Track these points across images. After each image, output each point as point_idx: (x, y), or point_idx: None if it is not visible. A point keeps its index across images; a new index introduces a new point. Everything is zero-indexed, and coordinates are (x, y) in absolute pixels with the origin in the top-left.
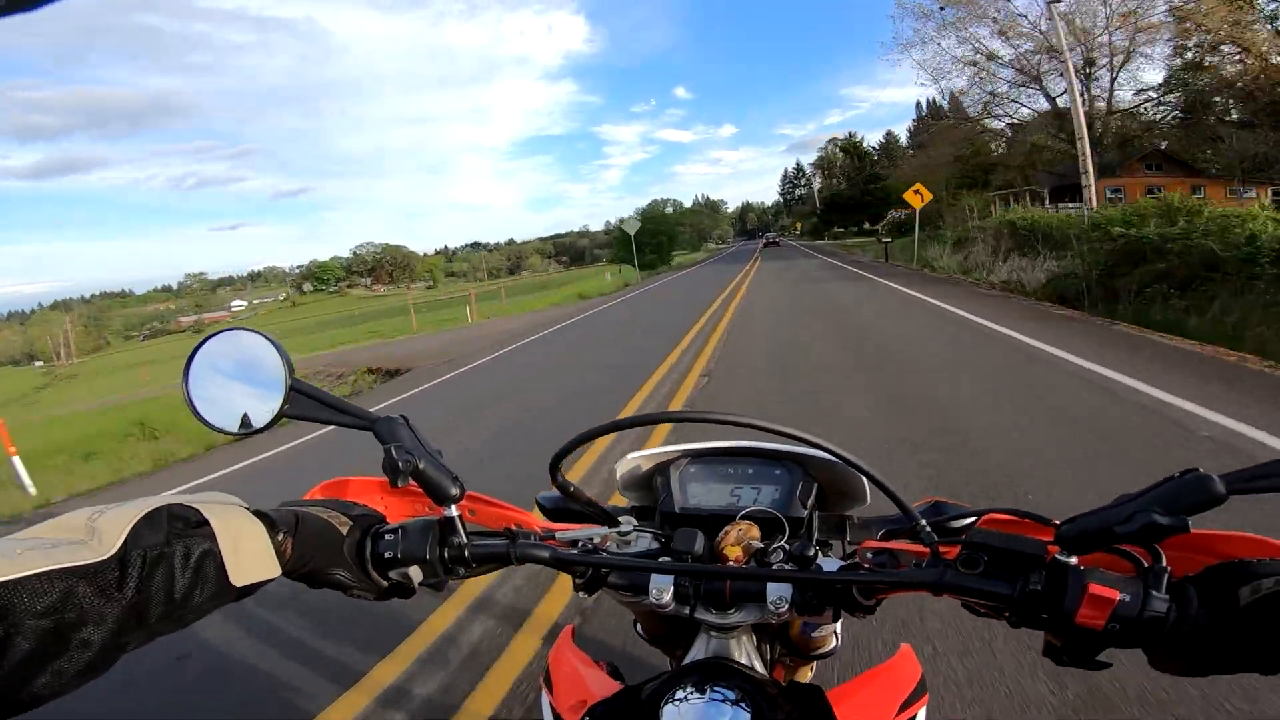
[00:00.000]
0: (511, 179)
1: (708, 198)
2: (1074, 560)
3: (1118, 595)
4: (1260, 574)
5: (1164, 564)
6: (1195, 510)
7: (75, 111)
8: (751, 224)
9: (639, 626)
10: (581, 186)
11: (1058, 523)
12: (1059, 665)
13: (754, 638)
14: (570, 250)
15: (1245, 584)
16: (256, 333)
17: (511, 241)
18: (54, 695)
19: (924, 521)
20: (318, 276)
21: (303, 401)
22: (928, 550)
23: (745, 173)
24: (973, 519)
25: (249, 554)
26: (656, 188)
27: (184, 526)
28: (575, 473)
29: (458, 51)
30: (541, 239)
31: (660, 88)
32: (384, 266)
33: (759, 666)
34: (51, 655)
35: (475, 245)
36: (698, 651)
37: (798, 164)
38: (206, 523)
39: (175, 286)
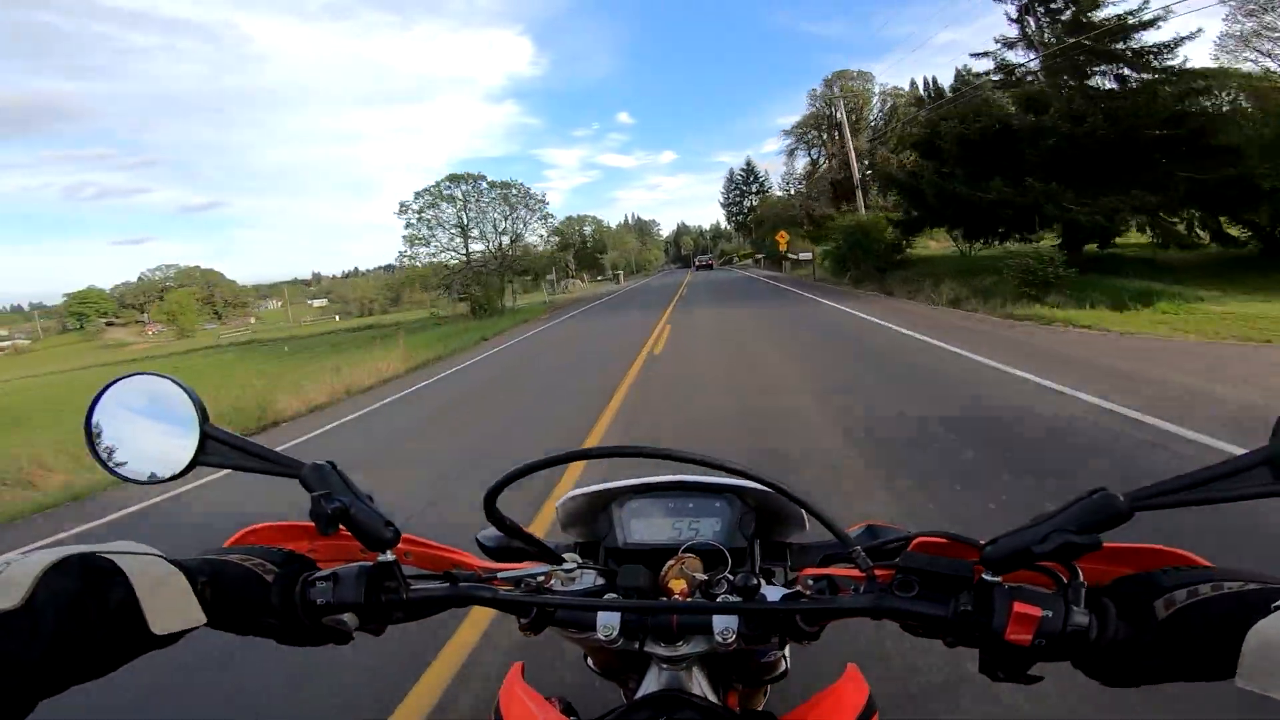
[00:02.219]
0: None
1: (638, 218)
2: (999, 580)
3: (1041, 612)
4: (1168, 586)
5: (1081, 579)
6: (1104, 528)
7: None
8: (687, 248)
9: (589, 660)
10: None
11: (983, 543)
12: (995, 681)
13: (705, 667)
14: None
15: (1158, 597)
16: (165, 377)
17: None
18: None
19: (859, 547)
20: (74, 312)
21: (219, 449)
22: (864, 575)
23: (683, 199)
24: (903, 542)
25: (168, 602)
26: (598, 212)
27: (97, 575)
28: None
29: (392, 68)
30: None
31: (603, 112)
32: (174, 299)
33: (711, 696)
34: None
35: (388, 268)
36: (650, 684)
37: (748, 164)
38: (121, 571)
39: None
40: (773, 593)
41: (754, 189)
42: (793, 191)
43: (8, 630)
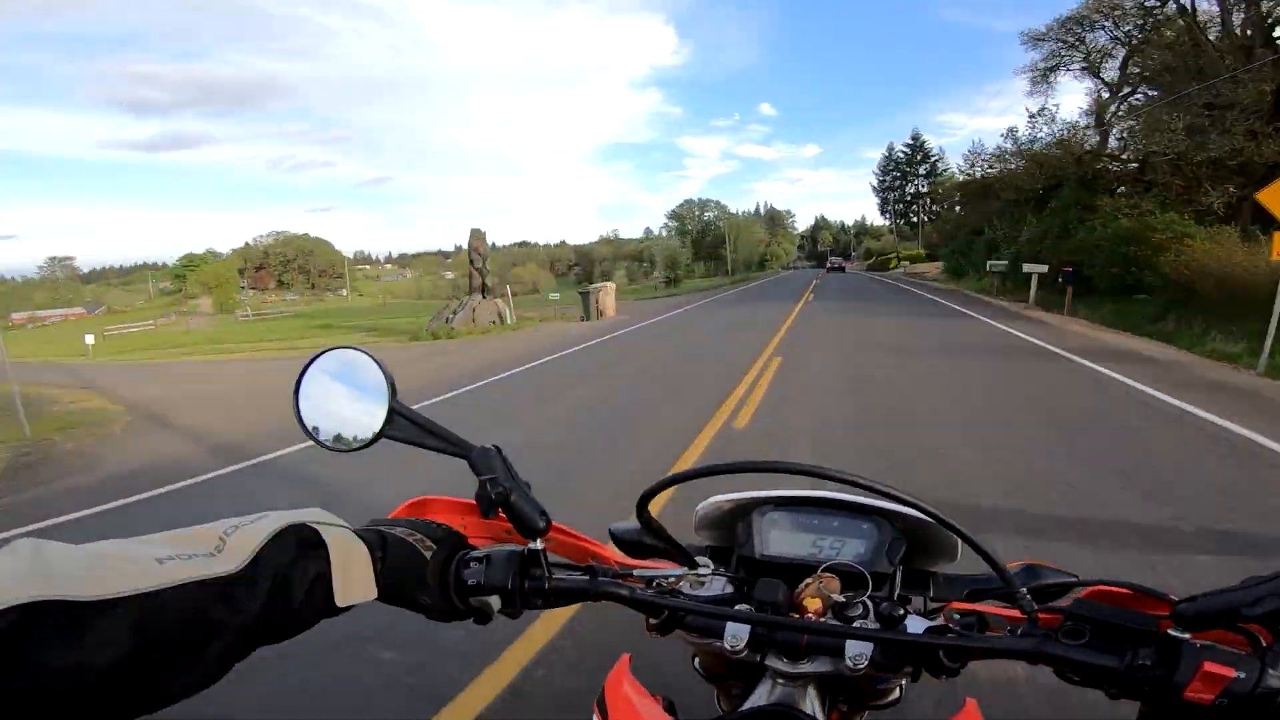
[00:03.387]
0: (589, 183)
1: (770, 206)
2: (1187, 636)
3: (1235, 673)
4: None
5: None
6: None
7: (184, 88)
8: (825, 244)
9: (697, 661)
10: (657, 197)
11: (1174, 599)
12: None
13: (819, 687)
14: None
15: None
16: (363, 352)
17: (563, 243)
18: (177, 700)
19: (1024, 590)
20: (177, 274)
21: (402, 424)
22: (1024, 616)
23: (826, 194)
24: (1077, 587)
25: (354, 576)
26: (734, 203)
27: (307, 546)
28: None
29: (542, 55)
30: (594, 243)
31: (745, 103)
32: (272, 266)
33: (821, 716)
34: (182, 662)
35: (524, 244)
36: (760, 696)
37: (914, 137)
38: (324, 544)
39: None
40: (915, 623)
41: (922, 169)
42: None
43: (231, 593)
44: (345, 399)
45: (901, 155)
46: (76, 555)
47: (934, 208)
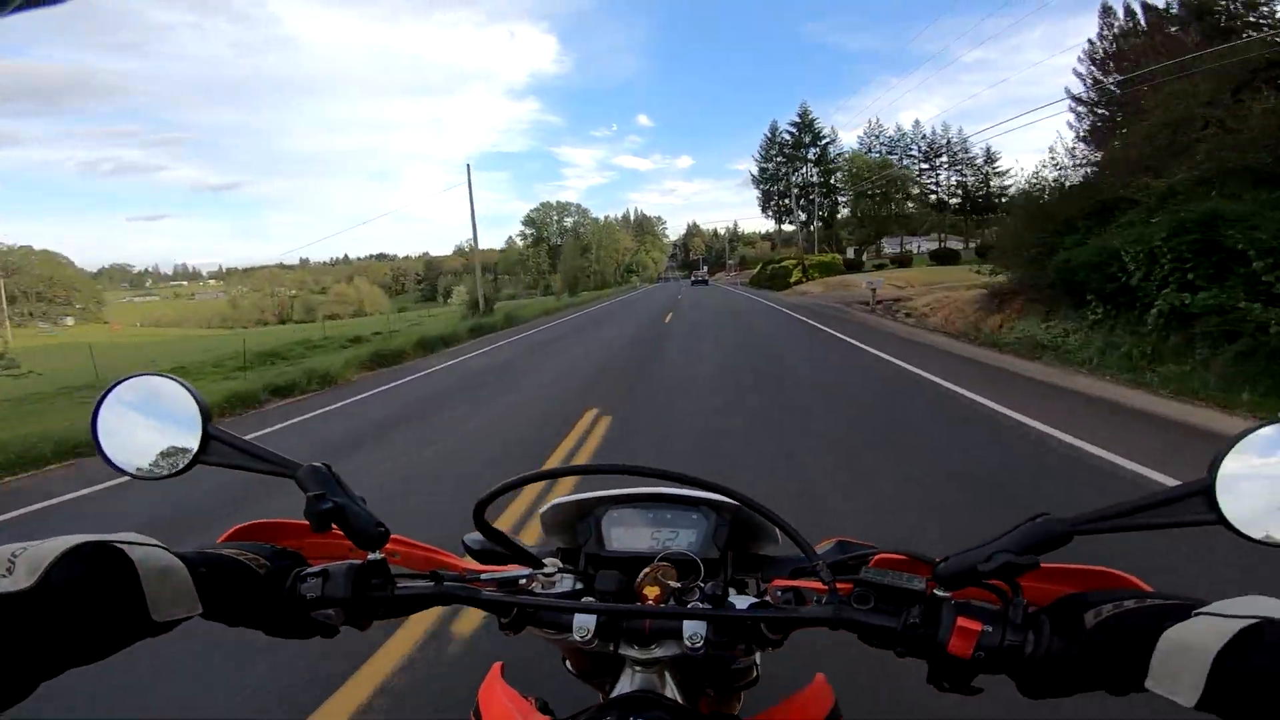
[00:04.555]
0: (463, 193)
1: (640, 213)
2: (949, 595)
3: (981, 626)
4: (1097, 602)
5: (1021, 597)
6: (1045, 549)
7: None
8: (698, 253)
9: (568, 663)
10: (533, 206)
11: (937, 561)
12: (940, 691)
13: (676, 671)
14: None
15: (1088, 610)
16: (170, 378)
17: (425, 255)
18: None
19: (823, 561)
20: None
21: (220, 448)
22: (826, 588)
23: (698, 204)
24: (867, 558)
25: (170, 592)
26: (611, 212)
27: (106, 563)
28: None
29: (419, 59)
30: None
31: (623, 114)
32: None
33: (680, 699)
34: None
35: (381, 256)
36: (623, 685)
37: (802, 115)
38: (129, 560)
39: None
40: (741, 602)
41: (811, 153)
42: None
43: (20, 611)
44: (154, 426)
45: (787, 137)
46: None
47: (834, 199)
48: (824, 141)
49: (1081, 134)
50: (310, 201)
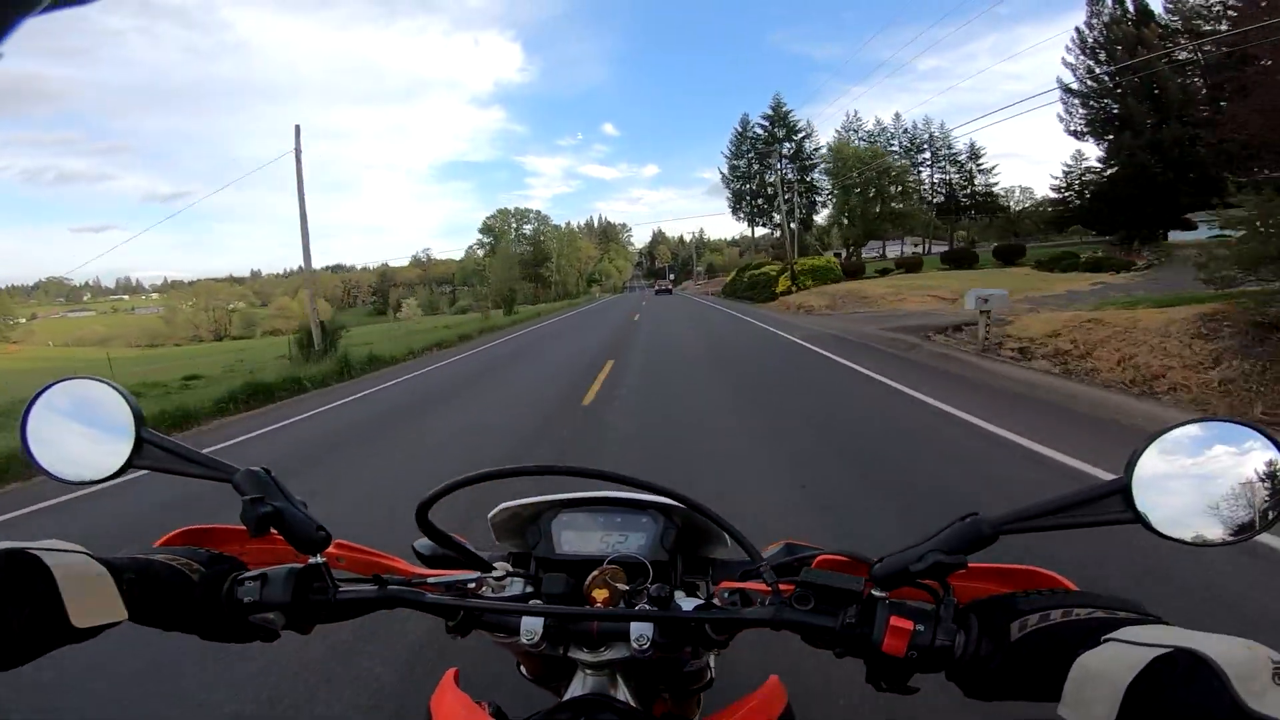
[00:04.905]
0: (426, 204)
1: (605, 220)
2: (884, 595)
3: (913, 626)
4: (1025, 610)
5: (951, 596)
6: (972, 549)
7: None
8: (663, 260)
9: (522, 668)
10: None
11: (874, 561)
12: (878, 690)
13: (630, 674)
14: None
15: (1016, 619)
16: (103, 381)
17: (384, 266)
18: None
19: (766, 563)
20: None
21: (153, 452)
22: (770, 589)
23: (664, 212)
24: (810, 559)
25: (90, 597)
26: (575, 220)
27: (19, 569)
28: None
29: (380, 67)
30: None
31: (589, 123)
32: None
33: (633, 702)
34: None
35: (339, 268)
36: (575, 689)
37: (775, 107)
38: (44, 566)
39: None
40: (687, 604)
41: (785, 147)
42: None
43: None
44: (85, 431)
45: (758, 131)
46: None
47: (811, 199)
48: (800, 136)
49: (1074, 128)
50: (263, 212)
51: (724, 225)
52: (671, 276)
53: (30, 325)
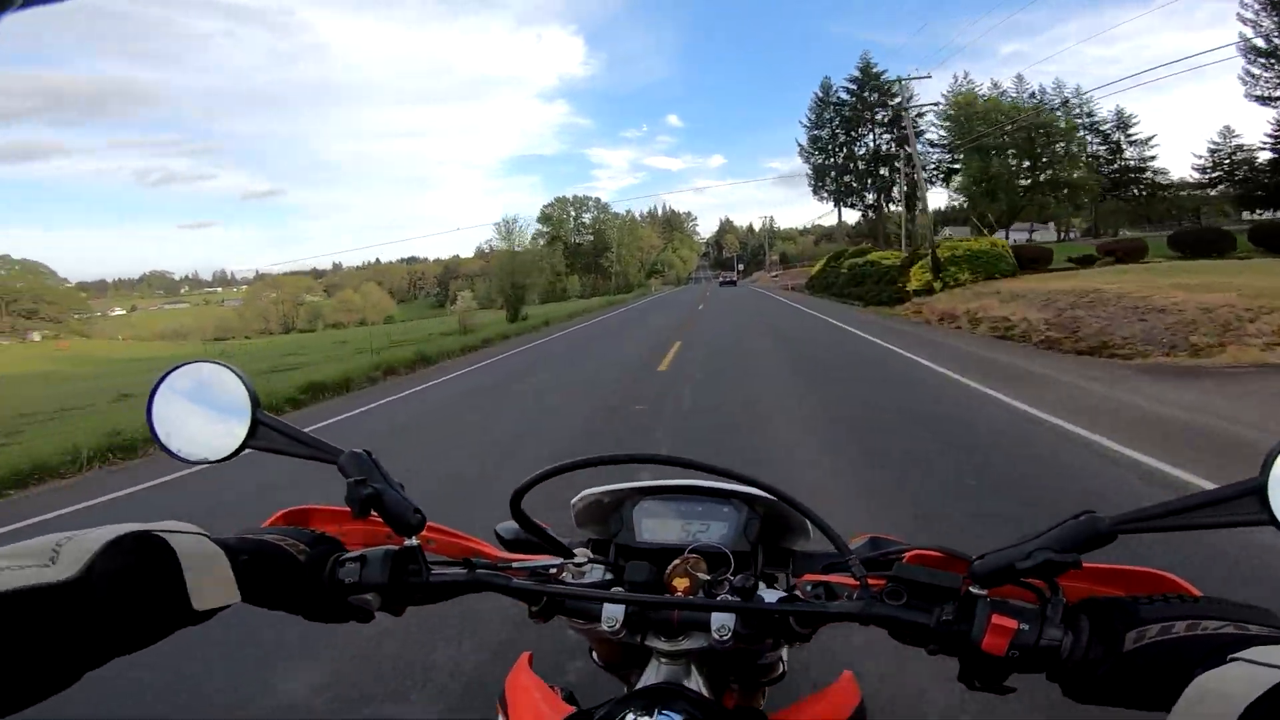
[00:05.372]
0: (496, 197)
1: (669, 208)
2: (984, 593)
3: (1017, 625)
4: (1145, 619)
5: (1060, 596)
6: (1087, 548)
7: (29, 95)
8: (731, 250)
9: (594, 654)
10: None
11: (973, 558)
12: (971, 689)
13: (704, 665)
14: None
15: (1134, 627)
16: (222, 365)
17: (456, 258)
18: (14, 710)
19: (855, 556)
20: None
21: (267, 434)
22: (858, 583)
23: (731, 203)
24: (900, 554)
25: (210, 580)
26: (636, 208)
27: (150, 552)
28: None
29: (450, 65)
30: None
31: (653, 114)
32: None
33: (706, 693)
34: (12, 672)
35: (412, 259)
36: (649, 677)
37: (864, 68)
38: (171, 549)
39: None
40: (771, 595)
41: (881, 114)
42: None
43: (65, 600)
44: (205, 412)
45: (843, 96)
46: None
47: (913, 173)
48: (896, 100)
49: (1260, 92)
50: (349, 207)
51: (795, 215)
52: (741, 266)
53: (102, 319)
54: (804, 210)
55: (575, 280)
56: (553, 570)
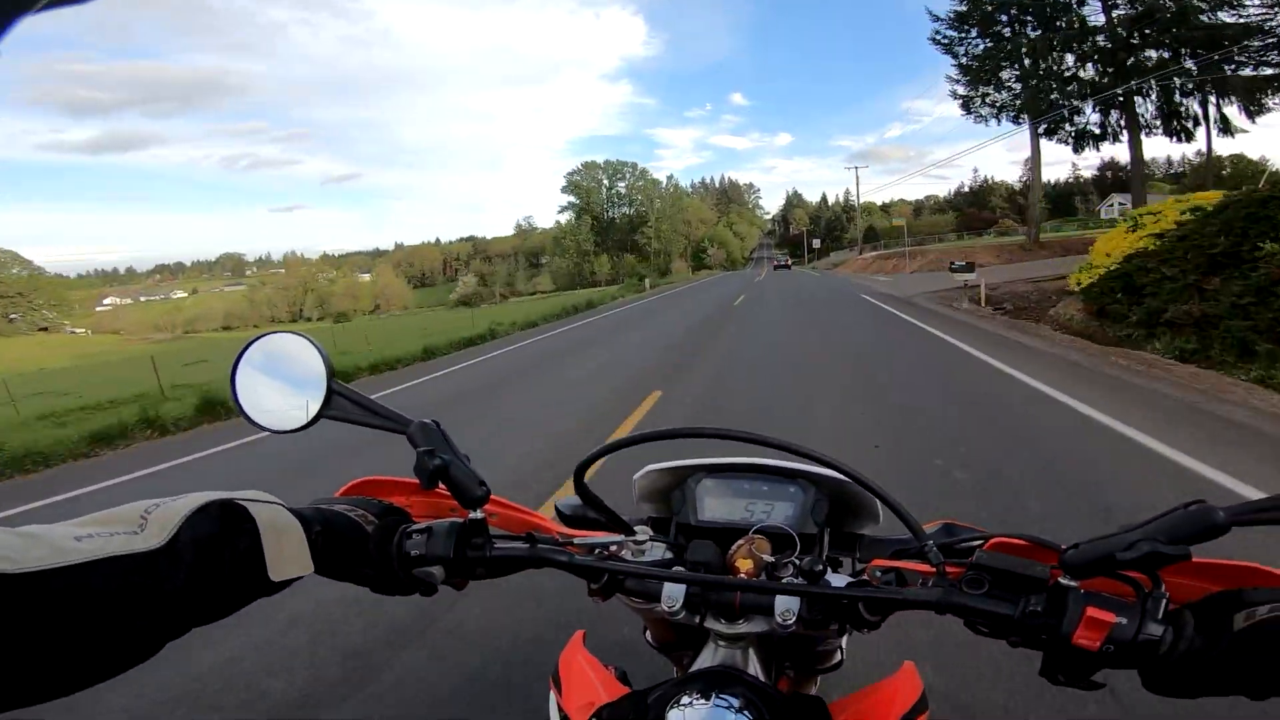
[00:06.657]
0: (562, 179)
1: (728, 180)
2: (1075, 584)
3: (1115, 618)
4: (1255, 601)
5: (1163, 590)
6: (1196, 540)
7: (125, 87)
8: (800, 226)
9: (648, 634)
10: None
11: (1063, 548)
12: (1054, 684)
13: (760, 649)
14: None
15: (1240, 610)
16: (301, 336)
17: (524, 233)
18: (101, 679)
19: (931, 542)
20: None
21: (341, 403)
22: (934, 570)
23: (800, 183)
24: (981, 541)
25: (288, 551)
26: (692, 181)
27: (233, 521)
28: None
29: (514, 50)
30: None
31: (717, 93)
32: None
33: (763, 677)
34: (102, 640)
35: (470, 238)
36: (705, 660)
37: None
38: (253, 520)
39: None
40: (838, 580)
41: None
42: None
43: (152, 568)
44: (284, 381)
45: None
46: None
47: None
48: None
49: None
50: (424, 189)
51: (869, 193)
52: (817, 243)
53: (116, 308)
54: (877, 194)
55: (605, 260)
56: (613, 548)
